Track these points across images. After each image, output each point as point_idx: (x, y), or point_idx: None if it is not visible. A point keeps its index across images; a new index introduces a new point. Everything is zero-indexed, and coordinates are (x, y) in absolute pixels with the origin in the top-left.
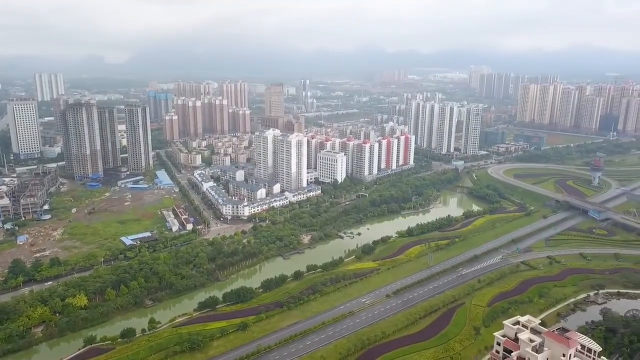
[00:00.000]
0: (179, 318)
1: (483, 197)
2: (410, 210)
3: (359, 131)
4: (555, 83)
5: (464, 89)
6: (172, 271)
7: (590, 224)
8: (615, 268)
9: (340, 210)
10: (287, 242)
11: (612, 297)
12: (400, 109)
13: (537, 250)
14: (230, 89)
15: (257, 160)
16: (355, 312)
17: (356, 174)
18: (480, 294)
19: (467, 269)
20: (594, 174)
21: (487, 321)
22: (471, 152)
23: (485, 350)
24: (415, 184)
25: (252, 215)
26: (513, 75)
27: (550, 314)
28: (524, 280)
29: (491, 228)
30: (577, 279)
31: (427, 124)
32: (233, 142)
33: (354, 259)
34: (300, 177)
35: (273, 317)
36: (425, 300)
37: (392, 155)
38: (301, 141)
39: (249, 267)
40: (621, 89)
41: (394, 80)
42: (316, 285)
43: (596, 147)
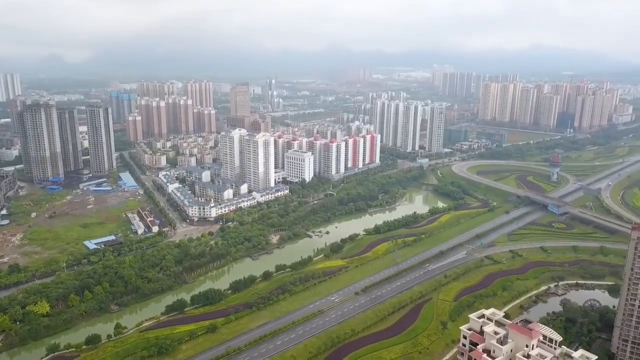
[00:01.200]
0: (146, 322)
1: (448, 194)
2: (377, 208)
3: (326, 130)
4: (514, 82)
5: (427, 88)
6: (138, 275)
7: (550, 218)
8: (573, 260)
9: (309, 209)
10: (256, 242)
11: (571, 288)
12: (365, 108)
13: (501, 245)
14: (195, 88)
15: (223, 160)
16: (324, 311)
17: (324, 173)
18: (447, 289)
19: (433, 265)
20: (553, 170)
21: (453, 315)
22: (435, 150)
23: (452, 344)
24: (381, 182)
25: (219, 216)
26: (475, 74)
27: (514, 306)
28: (488, 274)
29: (456, 224)
30: (539, 271)
31: (392, 123)
32: (198, 143)
33: (322, 257)
34: (267, 177)
35: (242, 318)
36: (394, 297)
37: (358, 154)
38: (268, 141)
39: (217, 268)
40: (577, 87)
41: (359, 80)
42: (285, 285)
43: (554, 144)
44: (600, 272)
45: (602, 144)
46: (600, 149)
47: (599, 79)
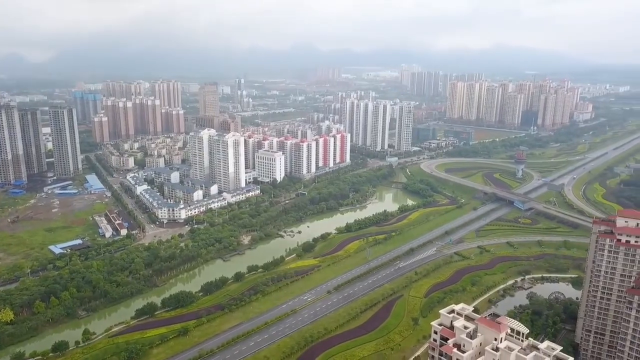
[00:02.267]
0: (115, 327)
1: (417, 191)
2: (348, 206)
3: (296, 130)
4: (480, 81)
5: (396, 87)
6: (107, 279)
7: (516, 214)
8: (539, 254)
9: (280, 209)
10: (227, 243)
11: (537, 282)
12: (335, 108)
13: (469, 241)
14: (163, 88)
15: (192, 161)
16: (297, 310)
17: (295, 173)
18: (417, 285)
19: (404, 262)
20: (518, 167)
21: (424, 311)
22: (404, 149)
23: (423, 340)
24: (352, 181)
25: (189, 217)
26: (442, 74)
27: (483, 300)
28: (457, 270)
29: (425, 221)
30: (506, 266)
31: (362, 122)
32: (167, 143)
33: (294, 257)
34: (238, 177)
35: (214, 320)
36: (365, 295)
37: (329, 153)
38: (238, 141)
39: (188, 271)
40: (539, 86)
41: (329, 79)
42: (258, 286)
43: (519, 141)
44: (564, 265)
45: (564, 141)
46: (563, 146)
47: (561, 78)
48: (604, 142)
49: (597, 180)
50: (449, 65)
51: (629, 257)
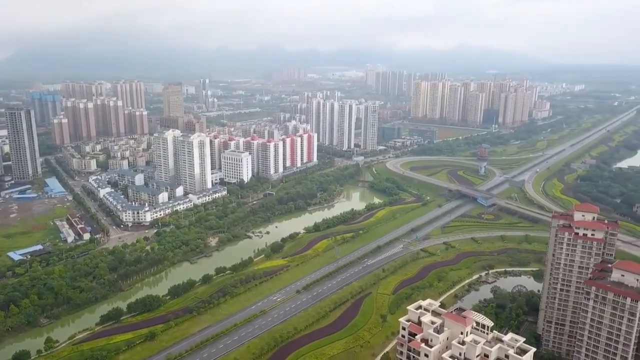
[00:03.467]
0: (79, 334)
1: (383, 190)
2: (316, 206)
3: (263, 130)
4: (443, 80)
5: (361, 87)
6: (70, 285)
7: (479, 210)
8: (502, 249)
9: (248, 210)
10: (194, 246)
11: (501, 276)
12: (302, 108)
13: (435, 238)
14: (125, 89)
15: (157, 162)
16: (267, 311)
17: (262, 173)
18: (385, 282)
19: (371, 260)
20: (481, 164)
21: (392, 308)
22: (370, 148)
23: (392, 336)
24: (319, 180)
25: (154, 220)
26: (406, 73)
27: (449, 296)
28: (424, 266)
29: (392, 219)
30: (470, 261)
31: (328, 122)
32: (130, 145)
33: (263, 257)
34: (204, 178)
35: (182, 323)
36: (334, 293)
37: (296, 153)
38: (203, 141)
39: (154, 274)
40: (500, 85)
41: (294, 79)
42: (226, 288)
43: (481, 139)
44: (525, 259)
45: (524, 138)
46: (523, 143)
47: (520, 77)
48: (561, 139)
49: (556, 176)
50: (412, 65)
51: (586, 250)
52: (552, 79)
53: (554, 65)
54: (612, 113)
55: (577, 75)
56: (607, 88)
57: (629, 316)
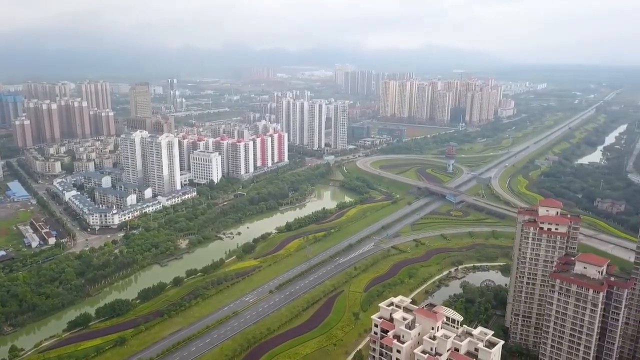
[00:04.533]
0: (45, 342)
1: (354, 188)
2: (287, 205)
3: (233, 130)
4: (411, 80)
5: (330, 86)
6: (35, 291)
7: (448, 207)
8: (470, 245)
9: (219, 211)
10: (164, 248)
11: (469, 271)
12: (271, 107)
13: (405, 235)
14: (90, 89)
15: (124, 164)
16: (239, 312)
17: (232, 173)
18: (357, 280)
19: (343, 258)
20: (448, 162)
21: (364, 306)
22: (341, 147)
23: (365, 333)
24: (291, 180)
25: (123, 223)
26: (374, 73)
27: (420, 292)
28: (395, 263)
29: (363, 217)
30: (440, 257)
31: (299, 121)
32: (96, 147)
33: (235, 259)
34: (173, 179)
35: (153, 327)
36: (307, 292)
37: (267, 153)
38: (172, 142)
39: (124, 278)
40: (466, 84)
41: (264, 79)
42: (197, 290)
43: (449, 137)
44: (493, 254)
45: (490, 136)
46: (489, 141)
47: (485, 76)
48: (526, 136)
49: (521, 172)
50: (381, 65)
51: (550, 244)
52: (515, 78)
53: (517, 65)
54: (573, 111)
55: (539, 75)
56: (568, 87)
57: (591, 307)
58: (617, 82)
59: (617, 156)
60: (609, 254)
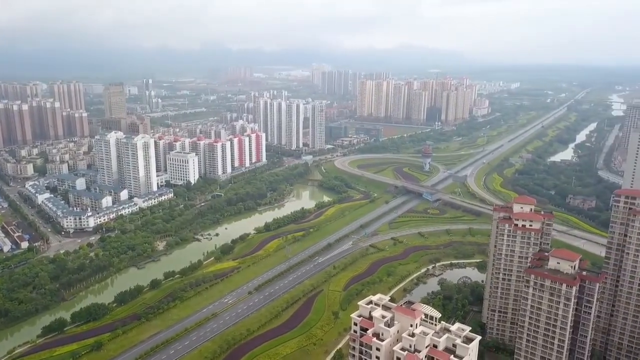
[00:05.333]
0: (19, 348)
1: (332, 188)
2: (266, 206)
3: (209, 130)
4: (387, 79)
5: (307, 86)
6: (7, 296)
7: (425, 205)
8: (447, 242)
9: (196, 212)
10: (140, 250)
11: (447, 268)
12: (248, 107)
13: (383, 233)
14: (63, 90)
15: (99, 166)
16: (218, 314)
17: (210, 174)
18: (336, 279)
19: (322, 257)
20: (425, 160)
21: (344, 304)
22: (318, 147)
23: (344, 332)
24: (269, 180)
25: (98, 225)
26: (351, 73)
27: (398, 290)
28: (373, 262)
29: (341, 216)
30: (418, 255)
31: (276, 121)
32: (70, 148)
33: (213, 260)
34: (149, 181)
35: (131, 331)
36: (286, 292)
37: (244, 153)
38: (148, 143)
39: (100, 281)
40: (442, 84)
41: (240, 79)
42: (176, 292)
43: (425, 136)
44: (470, 251)
45: (466, 135)
46: (464, 140)
47: (460, 76)
48: (500, 135)
49: (496, 170)
50: (357, 64)
51: (525, 240)
52: (489, 77)
53: (491, 65)
54: (546, 110)
55: (513, 74)
56: (540, 86)
57: (564, 301)
58: (587, 81)
59: (587, 154)
60: (581, 249)
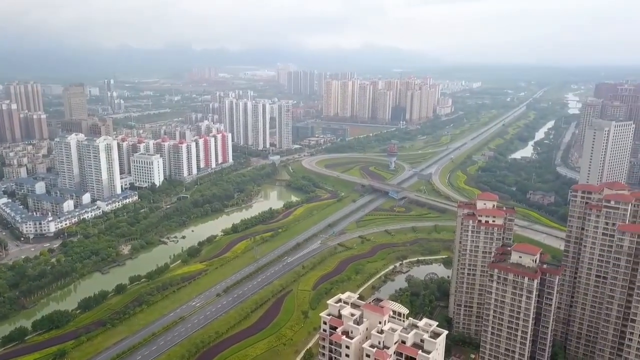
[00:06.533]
0: None
1: (300, 187)
2: (233, 207)
3: (174, 131)
4: (353, 79)
5: (273, 86)
6: None
7: (391, 203)
8: (413, 239)
9: (162, 214)
10: (105, 255)
11: (414, 265)
12: (214, 107)
13: (351, 232)
14: (20, 90)
15: (60, 169)
16: (186, 317)
17: (175, 176)
18: (305, 279)
19: (291, 257)
20: (390, 159)
21: (313, 304)
22: (286, 147)
23: (314, 332)
24: (236, 181)
25: (59, 230)
26: (317, 72)
27: (367, 287)
28: (342, 260)
29: (310, 216)
30: (385, 253)
31: (242, 122)
32: (28, 151)
33: (180, 263)
34: (112, 183)
35: (95, 338)
36: (255, 294)
37: (210, 154)
38: (110, 145)
39: (62, 288)
40: (406, 83)
41: (205, 79)
42: (142, 296)
43: (390, 135)
44: (435, 247)
45: (430, 133)
46: (429, 138)
47: (424, 75)
48: (463, 133)
49: (459, 168)
50: (323, 64)
51: (488, 236)
52: (452, 77)
53: (453, 64)
54: (506, 108)
55: (474, 74)
56: (501, 85)
57: (527, 294)
58: (545, 80)
59: (546, 150)
60: (541, 243)
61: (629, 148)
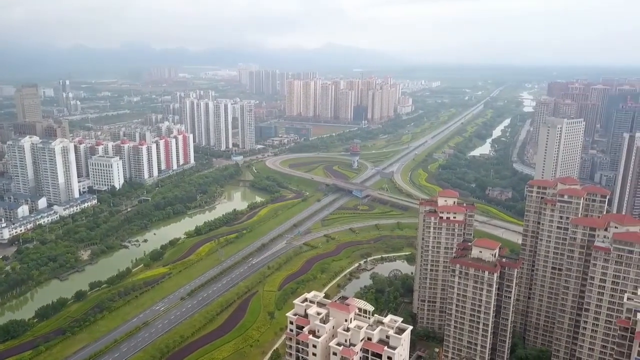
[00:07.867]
0: None
1: (264, 188)
2: (196, 209)
3: (134, 132)
4: (315, 79)
5: (235, 86)
6: None
7: (355, 202)
8: (377, 237)
9: (122, 218)
10: (63, 261)
11: (378, 262)
12: (174, 108)
13: (316, 231)
14: None
15: (13, 173)
16: (150, 322)
17: (135, 178)
18: (271, 279)
19: (256, 258)
20: (353, 158)
21: (279, 304)
22: (249, 147)
23: (281, 332)
24: (198, 182)
25: (14, 237)
26: (279, 72)
27: (332, 286)
28: (307, 259)
29: (274, 216)
30: (350, 251)
31: (204, 122)
32: None
33: (142, 267)
34: (70, 187)
35: (55, 347)
36: (221, 296)
37: (171, 155)
38: (67, 147)
39: (18, 296)
40: (367, 83)
41: (165, 79)
42: (103, 302)
43: (353, 135)
44: (399, 244)
45: (391, 132)
46: (390, 137)
47: (384, 75)
48: (423, 131)
49: (420, 166)
50: (284, 64)
51: (449, 232)
52: (412, 76)
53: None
54: (464, 107)
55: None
56: (459, 84)
57: (487, 287)
58: (501, 79)
59: (503, 147)
60: (500, 237)
61: (580, 144)
